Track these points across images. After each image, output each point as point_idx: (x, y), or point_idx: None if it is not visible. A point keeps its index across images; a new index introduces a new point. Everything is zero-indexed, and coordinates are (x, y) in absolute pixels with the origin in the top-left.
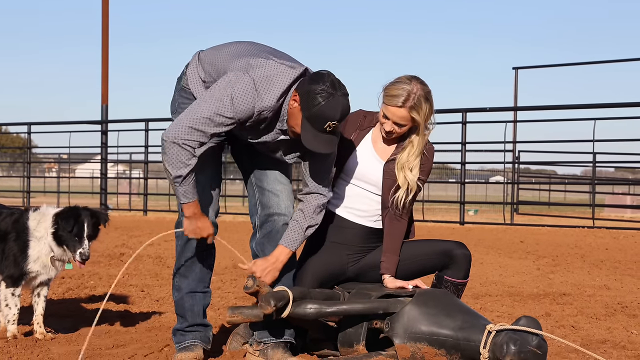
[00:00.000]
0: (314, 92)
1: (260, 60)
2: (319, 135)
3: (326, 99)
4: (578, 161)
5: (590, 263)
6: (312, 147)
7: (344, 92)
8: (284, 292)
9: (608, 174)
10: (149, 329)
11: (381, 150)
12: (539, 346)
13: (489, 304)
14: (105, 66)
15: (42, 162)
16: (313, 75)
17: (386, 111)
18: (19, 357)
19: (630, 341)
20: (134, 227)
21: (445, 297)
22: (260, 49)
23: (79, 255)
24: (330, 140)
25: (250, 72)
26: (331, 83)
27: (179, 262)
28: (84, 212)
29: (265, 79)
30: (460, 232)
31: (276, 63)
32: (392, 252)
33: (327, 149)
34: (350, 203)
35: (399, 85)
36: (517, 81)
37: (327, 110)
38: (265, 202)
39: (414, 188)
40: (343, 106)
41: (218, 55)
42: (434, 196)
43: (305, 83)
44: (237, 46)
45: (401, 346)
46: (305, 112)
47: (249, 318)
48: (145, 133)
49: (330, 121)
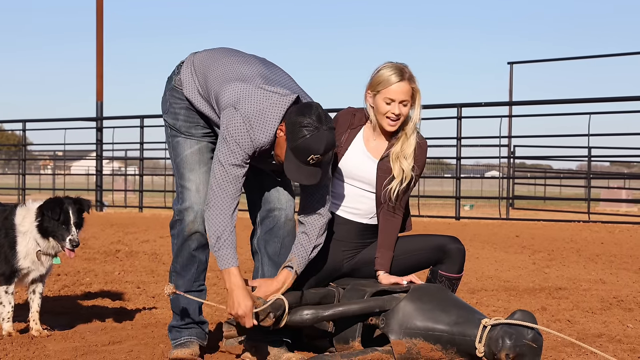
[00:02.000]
0: (300, 125)
1: (252, 90)
2: (301, 167)
3: (311, 132)
4: (573, 155)
5: (585, 257)
6: (293, 178)
7: (330, 127)
8: (279, 301)
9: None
10: (145, 326)
11: (373, 148)
12: (534, 340)
13: (484, 299)
14: (100, 63)
15: (37, 160)
16: (301, 106)
17: (389, 94)
18: (14, 354)
19: (625, 335)
20: (129, 224)
21: (440, 292)
22: (252, 71)
23: (69, 242)
24: (313, 172)
25: (240, 107)
26: (317, 116)
27: (175, 261)
28: (67, 201)
29: (258, 113)
30: (456, 227)
31: (265, 92)
32: (386, 248)
33: (309, 181)
34: (345, 202)
35: (387, 69)
36: (512, 76)
37: (311, 144)
38: (265, 197)
39: (408, 176)
40: (328, 140)
41: (210, 68)
42: (430, 191)
43: (293, 114)
44: (229, 63)
45: (397, 342)
46: (290, 143)
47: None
48: (141, 130)
49: (314, 155)
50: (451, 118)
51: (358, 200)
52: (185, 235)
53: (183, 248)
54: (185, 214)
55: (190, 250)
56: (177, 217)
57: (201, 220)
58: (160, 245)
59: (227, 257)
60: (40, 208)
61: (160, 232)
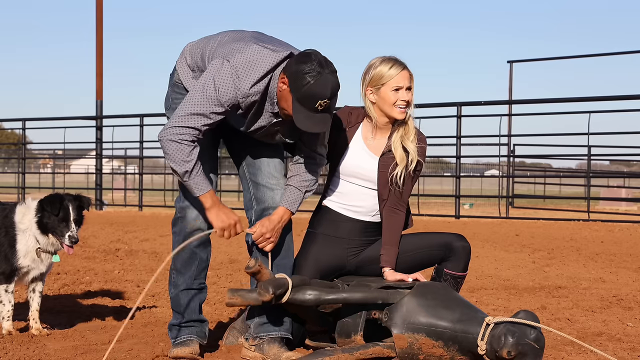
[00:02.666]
0: (302, 72)
1: (241, 46)
2: (311, 116)
3: (315, 77)
4: (573, 154)
5: (585, 256)
6: (305, 128)
7: (332, 70)
8: (283, 280)
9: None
10: (145, 324)
11: (372, 145)
12: (536, 340)
13: (484, 297)
14: (99, 62)
15: (37, 158)
16: (299, 55)
17: (395, 83)
18: (14, 353)
19: (625, 333)
20: (129, 222)
21: (444, 290)
22: (246, 35)
23: (68, 238)
24: (324, 118)
25: (231, 58)
26: (318, 62)
27: (176, 259)
28: (67, 197)
29: (246, 64)
30: (456, 225)
31: (258, 47)
32: (391, 244)
33: (321, 128)
34: (347, 200)
35: (384, 63)
36: (512, 74)
37: (316, 89)
38: (260, 197)
39: (414, 159)
40: (332, 83)
41: (207, 45)
42: (430, 190)
43: (292, 64)
44: (224, 35)
45: (399, 336)
46: (295, 93)
47: (248, 301)
48: (140, 128)
49: (321, 100)
50: (451, 117)
51: (360, 198)
52: (187, 232)
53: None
54: (187, 211)
55: (192, 247)
56: (179, 214)
57: (203, 218)
58: (160, 244)
59: (201, 184)
60: (41, 204)
61: (160, 231)
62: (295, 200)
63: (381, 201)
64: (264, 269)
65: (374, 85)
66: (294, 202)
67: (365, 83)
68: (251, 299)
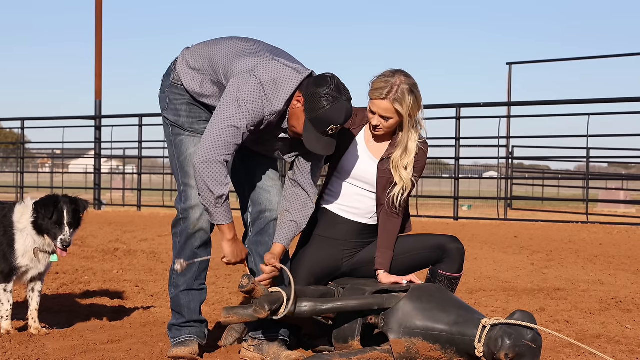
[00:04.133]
0: (319, 96)
1: (265, 61)
2: (321, 138)
3: (331, 103)
4: (572, 156)
5: (584, 258)
6: (313, 149)
7: (348, 97)
8: (278, 294)
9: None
10: (144, 324)
11: (374, 149)
12: (533, 340)
13: (483, 299)
14: (99, 61)
15: (36, 158)
16: (318, 77)
17: (372, 105)
18: (13, 352)
19: (624, 336)
20: (127, 222)
21: (439, 292)
22: (261, 48)
23: (60, 242)
24: (331, 143)
25: (257, 73)
26: (336, 86)
27: (177, 260)
28: (63, 199)
29: (272, 82)
30: (455, 227)
31: (282, 65)
32: (386, 247)
33: (327, 151)
34: (344, 201)
35: (382, 79)
36: (510, 76)
37: (331, 114)
38: (257, 199)
39: (408, 187)
40: (347, 111)
41: (214, 50)
42: (428, 191)
43: (311, 85)
44: (234, 43)
45: (396, 341)
46: (310, 114)
47: (244, 318)
48: (139, 128)
49: (334, 125)
50: (450, 118)
51: (357, 200)
52: (189, 233)
53: (186, 246)
54: (190, 212)
55: (194, 248)
56: (181, 215)
57: (206, 218)
58: (159, 244)
59: (228, 212)
60: (36, 205)
61: (159, 231)
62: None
63: (379, 205)
64: (258, 286)
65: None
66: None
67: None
68: (247, 316)
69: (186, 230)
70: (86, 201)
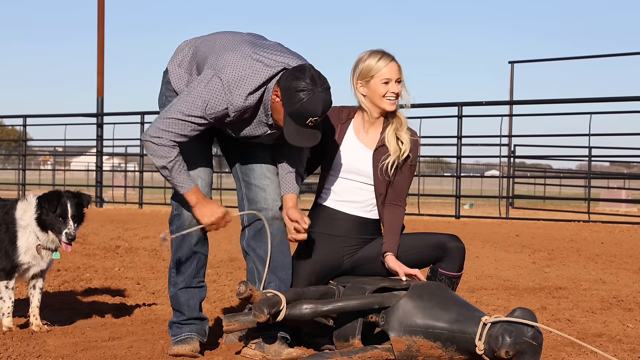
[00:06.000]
0: (295, 89)
1: (233, 58)
2: (301, 131)
3: (307, 95)
4: (573, 155)
5: (585, 257)
6: (295, 142)
7: (325, 87)
8: (276, 297)
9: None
10: (145, 322)
11: (365, 139)
12: (534, 337)
13: (484, 298)
14: (101, 59)
15: (38, 155)
16: (293, 69)
17: (384, 75)
18: (14, 349)
19: (626, 335)
20: (129, 220)
21: (440, 290)
22: (240, 41)
23: (65, 235)
24: (313, 134)
25: (221, 73)
26: (311, 78)
27: (175, 257)
28: (66, 194)
29: (236, 80)
30: (456, 226)
31: (252, 61)
32: (392, 233)
33: (310, 143)
34: (343, 196)
35: (373, 56)
36: (513, 75)
37: (308, 107)
38: (252, 197)
39: (406, 150)
40: (324, 101)
41: (200, 45)
42: (430, 190)
43: (286, 78)
44: (217, 39)
45: (397, 339)
46: (287, 108)
47: (245, 324)
48: (141, 126)
49: (312, 117)
50: (452, 117)
51: (355, 193)
52: (184, 229)
53: (183, 243)
54: (183, 207)
55: (191, 245)
56: (175, 211)
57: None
58: None
59: (184, 181)
60: (40, 200)
61: (160, 229)
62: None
63: (378, 196)
64: (255, 292)
65: (364, 78)
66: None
67: (355, 76)
68: (248, 322)
69: (181, 227)
70: (89, 195)
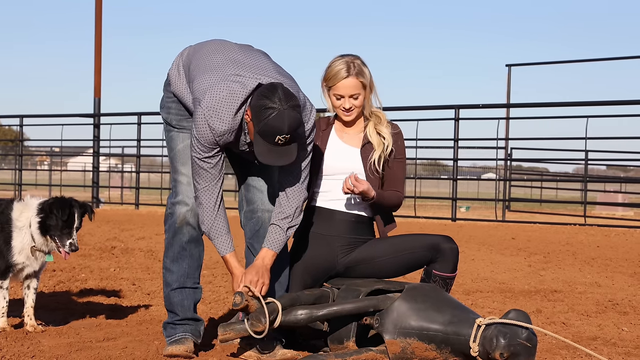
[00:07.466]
0: (263, 107)
1: (214, 82)
2: (273, 149)
3: (273, 113)
4: (570, 159)
5: (581, 260)
6: (266, 161)
7: (292, 104)
8: (272, 305)
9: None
10: (140, 322)
11: (350, 140)
12: (528, 339)
13: (480, 300)
14: (98, 59)
15: (34, 155)
16: (263, 88)
17: (338, 90)
18: (9, 349)
19: (620, 338)
20: (125, 220)
21: (434, 292)
22: (225, 57)
23: (69, 246)
24: (285, 151)
25: (202, 102)
26: (278, 97)
27: (166, 257)
28: (75, 204)
29: (215, 104)
30: (452, 228)
31: (231, 83)
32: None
33: (283, 161)
34: (335, 195)
35: (335, 64)
36: (510, 78)
37: (274, 124)
38: (250, 198)
39: (389, 143)
40: (290, 119)
41: (193, 58)
42: (426, 192)
43: (256, 97)
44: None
45: (391, 341)
46: (256, 127)
47: (240, 333)
48: (138, 127)
49: (279, 135)
50: (449, 119)
51: None
52: (176, 228)
53: (174, 241)
54: (177, 207)
55: (182, 243)
56: (169, 210)
57: (193, 213)
58: (156, 243)
59: (220, 245)
60: (49, 205)
61: (156, 230)
62: (277, 240)
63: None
64: (251, 301)
65: (326, 84)
66: (277, 242)
67: (322, 77)
68: (243, 331)
69: (173, 225)
70: (92, 207)
